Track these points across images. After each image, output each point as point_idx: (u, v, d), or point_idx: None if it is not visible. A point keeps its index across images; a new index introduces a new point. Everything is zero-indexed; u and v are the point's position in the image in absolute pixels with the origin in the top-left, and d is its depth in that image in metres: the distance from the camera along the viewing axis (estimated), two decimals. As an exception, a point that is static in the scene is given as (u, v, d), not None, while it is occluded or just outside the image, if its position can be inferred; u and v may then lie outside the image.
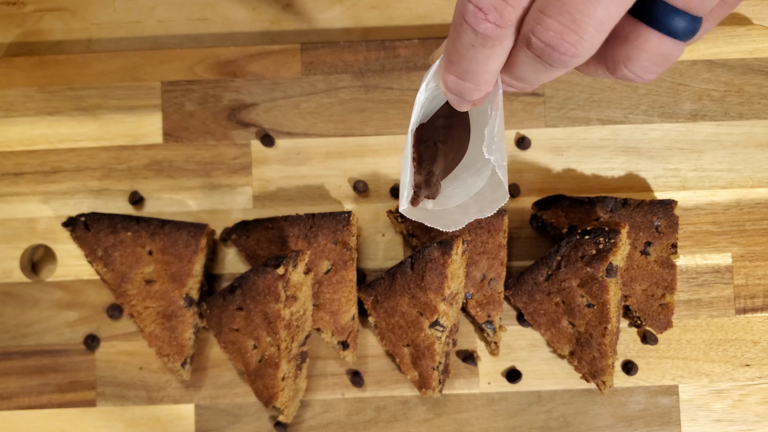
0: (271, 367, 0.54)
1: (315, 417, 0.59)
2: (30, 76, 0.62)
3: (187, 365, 0.58)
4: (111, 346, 0.60)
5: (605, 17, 0.26)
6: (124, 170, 0.61)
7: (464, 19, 0.28)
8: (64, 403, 0.60)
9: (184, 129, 0.61)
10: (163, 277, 0.56)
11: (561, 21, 0.26)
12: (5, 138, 0.61)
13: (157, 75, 0.61)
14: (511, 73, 0.31)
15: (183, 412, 0.60)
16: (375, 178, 0.61)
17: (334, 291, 0.57)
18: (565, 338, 0.57)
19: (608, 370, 0.56)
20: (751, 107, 0.61)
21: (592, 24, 0.26)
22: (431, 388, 0.56)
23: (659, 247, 0.58)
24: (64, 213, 0.61)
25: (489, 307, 0.57)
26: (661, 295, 0.57)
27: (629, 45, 0.28)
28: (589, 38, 0.26)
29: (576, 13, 0.26)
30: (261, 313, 0.53)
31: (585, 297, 0.55)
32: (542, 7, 0.27)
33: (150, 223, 0.57)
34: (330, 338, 0.58)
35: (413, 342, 0.56)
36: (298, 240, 0.57)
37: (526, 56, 0.29)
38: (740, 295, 0.60)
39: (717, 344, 0.60)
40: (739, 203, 0.61)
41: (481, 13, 0.28)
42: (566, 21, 0.26)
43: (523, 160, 0.61)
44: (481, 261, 0.57)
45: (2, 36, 0.64)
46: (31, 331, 0.60)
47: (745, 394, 0.59)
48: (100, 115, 0.61)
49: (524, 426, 0.59)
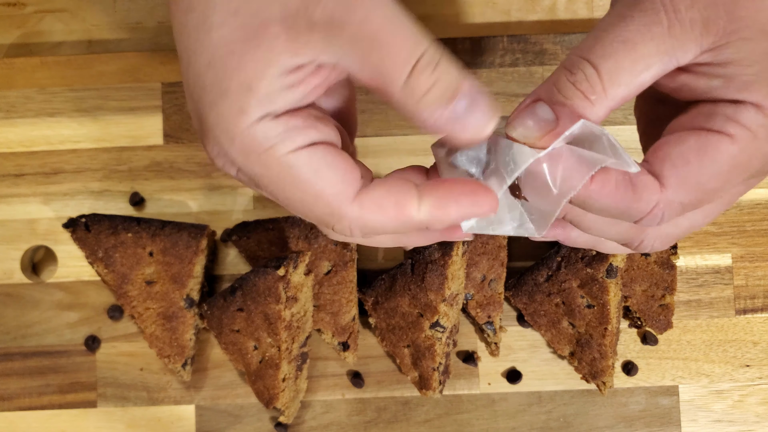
0: (271, 368, 0.54)
1: (315, 417, 0.59)
2: (30, 78, 0.62)
3: (188, 366, 0.58)
4: (112, 347, 0.60)
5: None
6: (125, 171, 0.61)
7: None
8: (64, 404, 0.60)
9: (185, 130, 0.61)
10: (163, 278, 0.57)
11: None
12: (5, 139, 0.61)
13: (158, 76, 0.61)
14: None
15: (184, 413, 0.60)
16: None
17: (335, 292, 0.57)
18: (565, 339, 0.57)
19: (608, 371, 0.56)
20: None
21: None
22: (431, 389, 0.56)
23: (659, 247, 0.58)
24: (64, 214, 0.61)
25: (489, 308, 0.57)
26: (661, 296, 0.57)
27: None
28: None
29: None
30: (262, 314, 0.53)
31: (585, 298, 0.55)
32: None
33: (151, 224, 0.57)
34: (330, 339, 0.58)
35: (413, 343, 0.56)
36: (299, 241, 0.57)
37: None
38: (740, 295, 0.60)
39: (717, 345, 0.60)
40: (739, 204, 0.61)
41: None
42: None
43: (523, 160, 0.61)
44: (481, 262, 0.57)
45: (2, 37, 0.64)
46: (32, 332, 0.60)
47: (745, 394, 0.59)
48: (101, 116, 0.61)
49: (524, 426, 0.59)
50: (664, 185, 0.29)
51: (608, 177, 0.29)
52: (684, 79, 0.29)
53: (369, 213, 0.30)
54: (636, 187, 0.29)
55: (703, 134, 0.29)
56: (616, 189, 0.29)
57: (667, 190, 0.29)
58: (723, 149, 0.28)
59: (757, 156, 0.28)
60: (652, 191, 0.29)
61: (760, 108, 0.28)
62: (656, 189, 0.29)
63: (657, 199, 0.29)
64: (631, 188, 0.29)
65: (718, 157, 0.28)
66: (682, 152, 0.29)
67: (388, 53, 0.28)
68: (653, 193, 0.29)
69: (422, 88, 0.28)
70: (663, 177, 0.29)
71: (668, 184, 0.29)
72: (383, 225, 0.30)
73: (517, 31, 0.63)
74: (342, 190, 0.30)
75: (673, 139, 0.29)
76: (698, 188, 0.29)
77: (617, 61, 0.28)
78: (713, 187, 0.29)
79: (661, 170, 0.29)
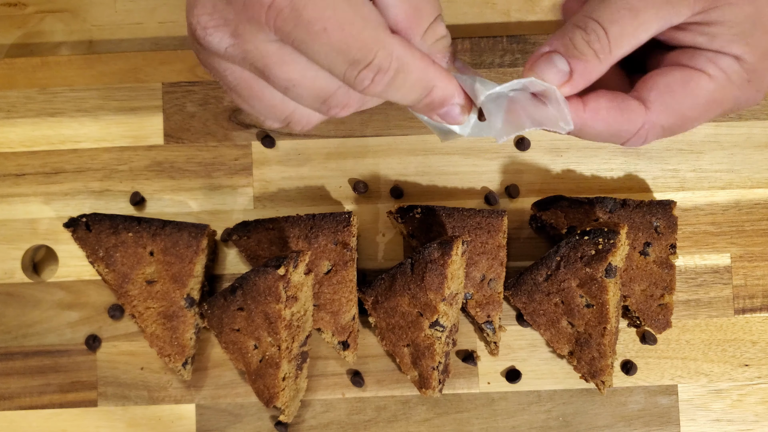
0: (271, 367, 0.54)
1: (315, 417, 0.60)
2: (31, 78, 0.62)
3: (188, 365, 0.58)
4: (112, 347, 0.60)
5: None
6: (126, 171, 0.61)
7: None
8: (65, 403, 0.60)
9: (185, 130, 0.61)
10: (164, 277, 0.57)
11: None
12: (7, 139, 0.62)
13: (158, 76, 0.62)
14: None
15: (184, 412, 0.60)
16: (375, 179, 0.61)
17: (335, 291, 0.57)
18: (564, 338, 0.57)
19: (607, 370, 0.56)
20: (750, 108, 0.61)
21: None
22: (431, 388, 0.56)
23: (658, 247, 0.58)
24: (65, 214, 0.61)
25: (489, 308, 0.57)
26: (660, 296, 0.58)
27: None
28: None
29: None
30: (262, 314, 0.53)
31: (584, 297, 0.55)
32: None
33: (151, 224, 0.57)
34: (330, 338, 0.58)
35: (413, 342, 0.56)
36: (299, 240, 0.57)
37: None
38: (739, 295, 0.60)
39: (716, 344, 0.60)
40: (738, 204, 0.61)
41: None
42: None
43: (522, 160, 0.62)
44: (480, 261, 0.57)
45: (3, 37, 0.64)
46: (33, 332, 0.60)
47: (744, 394, 0.59)
48: (102, 116, 0.62)
49: (524, 426, 0.59)
50: (649, 109, 0.33)
51: (598, 104, 0.33)
52: (672, 33, 0.33)
53: (408, 49, 0.31)
54: (623, 110, 0.33)
55: (687, 70, 0.33)
56: (607, 113, 0.33)
57: (652, 113, 0.33)
58: (703, 85, 0.33)
59: (728, 97, 0.33)
60: (639, 113, 0.33)
61: (738, 59, 0.32)
62: (642, 111, 0.33)
63: (643, 120, 0.33)
64: (619, 111, 0.33)
65: (698, 91, 0.33)
66: (668, 83, 0.33)
67: (425, 3, 0.32)
68: (639, 115, 0.33)
69: (438, 34, 0.33)
70: (649, 102, 0.33)
71: (653, 108, 0.33)
72: (416, 66, 0.32)
73: (517, 32, 0.63)
74: (383, 21, 0.31)
75: (659, 72, 0.34)
76: (679, 115, 0.33)
77: (623, 27, 0.32)
78: (691, 116, 0.33)
79: (648, 96, 0.33)
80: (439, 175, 0.61)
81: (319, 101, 0.33)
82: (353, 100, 0.33)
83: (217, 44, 0.31)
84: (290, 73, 0.31)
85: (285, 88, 0.32)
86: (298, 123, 0.36)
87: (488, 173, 0.62)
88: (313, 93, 0.32)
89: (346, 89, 0.33)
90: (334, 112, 0.34)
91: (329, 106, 0.33)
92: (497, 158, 0.62)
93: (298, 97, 0.33)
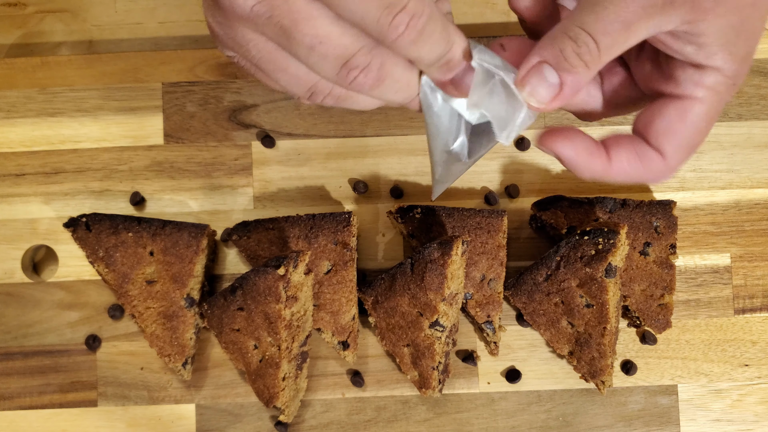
0: (271, 367, 0.55)
1: (315, 417, 0.60)
2: (31, 78, 0.62)
3: (188, 365, 0.58)
4: (112, 347, 0.60)
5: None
6: (126, 171, 0.61)
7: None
8: (65, 403, 0.60)
9: (185, 130, 0.62)
10: (164, 277, 0.57)
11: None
12: (6, 139, 0.62)
13: (158, 76, 0.62)
14: None
15: (184, 412, 0.60)
16: (375, 179, 0.61)
17: (335, 291, 0.57)
18: (564, 338, 0.57)
19: (607, 370, 0.56)
20: (749, 108, 0.61)
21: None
22: (431, 388, 0.56)
23: (658, 247, 0.58)
24: (65, 214, 0.61)
25: (488, 307, 0.57)
26: (660, 296, 0.58)
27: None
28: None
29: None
30: (262, 314, 0.53)
31: (584, 297, 0.55)
32: None
33: (151, 224, 0.57)
34: (330, 338, 0.58)
35: (413, 342, 0.56)
36: (299, 240, 0.57)
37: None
38: (739, 295, 0.60)
39: (716, 344, 0.60)
40: (738, 204, 0.61)
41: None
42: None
43: (522, 160, 0.62)
44: (480, 261, 0.57)
45: (3, 37, 0.64)
46: (33, 332, 0.60)
47: (744, 393, 0.59)
48: (102, 116, 0.62)
49: (524, 425, 0.59)
50: (665, 156, 0.36)
51: (620, 157, 0.36)
52: (661, 37, 0.35)
53: (385, 50, 0.32)
54: (644, 160, 0.36)
55: (678, 103, 0.35)
56: (629, 165, 0.36)
57: (667, 158, 0.36)
58: (696, 111, 0.35)
59: (721, 106, 0.36)
60: (658, 163, 0.36)
61: (719, 71, 0.34)
62: (660, 161, 0.36)
63: (662, 168, 0.36)
64: (639, 163, 0.36)
65: (695, 119, 0.35)
66: (669, 125, 0.36)
67: None
68: (659, 164, 0.36)
69: (444, 10, 0.35)
70: (663, 151, 0.36)
71: (667, 154, 0.36)
72: (396, 69, 0.33)
73: (517, 32, 0.63)
74: None
75: (656, 112, 0.36)
76: (688, 148, 0.36)
77: (614, 39, 0.33)
78: (698, 141, 0.36)
79: (661, 145, 0.36)
80: (439, 175, 0.61)
81: (340, 62, 0.33)
82: (374, 63, 0.33)
83: (242, 4, 0.32)
84: (317, 28, 0.32)
85: (310, 47, 0.32)
86: (322, 92, 0.36)
87: (488, 173, 0.62)
88: (337, 52, 0.32)
89: (368, 50, 0.33)
90: (353, 75, 0.33)
91: (349, 68, 0.33)
92: (497, 158, 0.62)
93: (321, 58, 0.33)
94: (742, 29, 0.34)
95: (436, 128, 0.37)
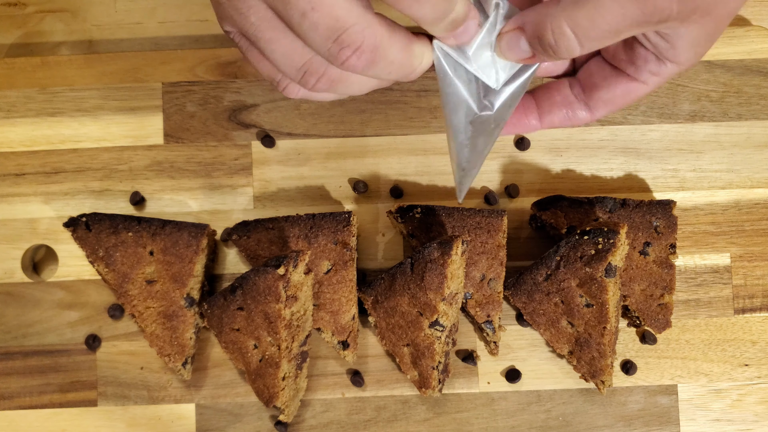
0: (271, 366, 0.55)
1: (315, 416, 0.60)
2: (31, 77, 0.62)
3: (188, 365, 0.58)
4: (112, 346, 0.60)
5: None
6: (125, 171, 0.61)
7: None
8: (65, 403, 0.60)
9: (185, 130, 0.62)
10: (164, 277, 0.57)
11: None
12: (7, 139, 0.62)
13: (158, 76, 0.62)
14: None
15: (184, 412, 0.60)
16: (375, 179, 0.62)
17: (335, 291, 0.57)
18: (564, 338, 0.57)
19: (607, 370, 0.56)
20: (749, 108, 0.61)
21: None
22: (431, 388, 0.56)
23: (658, 247, 0.58)
24: (65, 213, 0.61)
25: (488, 307, 0.57)
26: (660, 295, 0.58)
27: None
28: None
29: None
30: (262, 313, 0.53)
31: (584, 297, 0.55)
32: None
33: (151, 224, 0.57)
34: (330, 338, 0.58)
35: (413, 342, 0.56)
36: (299, 240, 0.57)
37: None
38: (739, 295, 0.60)
39: (716, 344, 0.60)
40: (738, 204, 0.61)
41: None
42: None
43: (522, 160, 0.62)
44: (480, 261, 0.57)
45: (3, 37, 0.64)
46: (33, 331, 0.60)
47: (744, 393, 0.59)
48: (102, 116, 0.62)
49: (524, 425, 0.59)
50: (593, 113, 0.41)
51: (552, 118, 0.41)
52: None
53: (381, 30, 0.33)
54: (573, 120, 0.42)
55: (629, 83, 0.39)
56: (558, 122, 0.42)
57: (594, 115, 0.41)
58: (640, 92, 0.39)
59: (656, 88, 0.40)
60: (584, 117, 0.41)
61: (680, 65, 0.37)
62: (587, 116, 0.41)
63: (586, 120, 0.42)
64: (569, 123, 0.42)
65: (634, 97, 0.40)
66: (613, 98, 0.40)
67: None
68: (584, 118, 0.42)
69: None
70: (594, 110, 0.41)
71: (596, 113, 0.41)
72: (391, 51, 0.33)
73: None
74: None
75: (607, 86, 0.40)
76: (613, 111, 0.41)
77: (600, 42, 0.35)
78: (625, 106, 0.43)
79: (595, 106, 0.41)
80: (439, 174, 0.62)
81: (331, 35, 0.32)
82: (367, 43, 0.33)
83: None
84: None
85: (302, 12, 0.32)
86: (315, 73, 0.36)
87: (488, 173, 0.62)
88: (329, 22, 0.32)
89: (362, 27, 0.33)
90: (345, 55, 0.33)
91: (341, 45, 0.33)
92: (497, 158, 0.62)
93: (313, 27, 0.33)
94: (712, 34, 0.36)
95: (456, 97, 0.36)
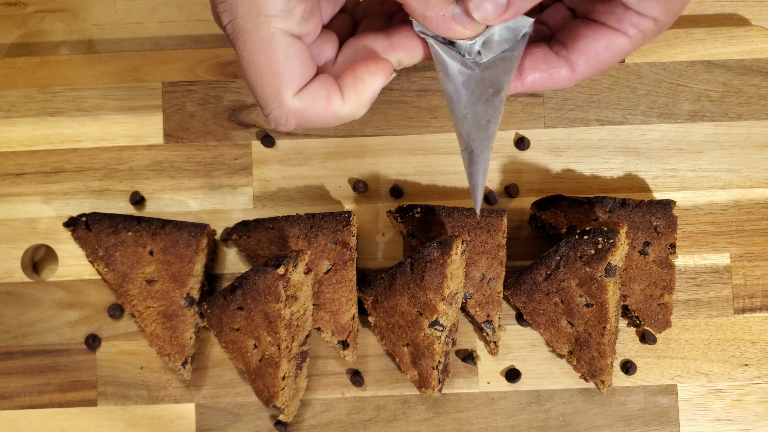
0: (271, 366, 0.55)
1: (315, 416, 0.60)
2: (31, 77, 0.62)
3: (188, 365, 0.58)
4: (112, 346, 0.60)
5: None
6: (125, 170, 0.61)
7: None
8: (65, 403, 0.60)
9: (185, 129, 0.62)
10: (164, 276, 0.57)
11: None
12: (6, 138, 0.62)
13: (158, 76, 0.62)
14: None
15: (184, 412, 0.60)
16: (375, 179, 0.62)
17: (334, 291, 0.57)
18: (564, 338, 0.57)
19: (607, 370, 0.56)
20: (749, 108, 0.61)
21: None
22: (431, 388, 0.56)
23: (658, 247, 0.58)
24: (65, 213, 0.61)
25: (488, 307, 0.57)
26: (660, 295, 0.58)
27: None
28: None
29: None
30: (261, 313, 0.53)
31: (584, 297, 0.55)
32: None
33: (151, 223, 0.57)
34: (330, 338, 0.58)
35: (413, 341, 0.56)
36: (299, 240, 0.57)
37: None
38: (739, 295, 0.60)
39: (716, 344, 0.60)
40: (738, 203, 0.61)
41: None
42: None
43: (522, 160, 0.62)
44: (480, 261, 0.57)
45: (3, 37, 0.64)
46: (33, 331, 0.60)
47: (744, 393, 0.59)
48: (101, 115, 0.62)
49: (523, 425, 0.59)
50: (575, 71, 0.40)
51: (534, 78, 0.41)
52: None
53: (305, 105, 0.36)
54: (554, 80, 0.41)
55: (611, 34, 0.39)
56: (540, 83, 0.41)
57: (576, 74, 0.40)
58: (622, 45, 0.39)
59: (639, 45, 0.40)
60: (566, 76, 0.40)
61: (655, 21, 0.38)
62: (569, 75, 0.40)
63: (569, 80, 0.41)
64: (550, 82, 0.41)
65: (617, 50, 0.40)
66: (596, 49, 0.39)
67: None
68: (567, 78, 0.41)
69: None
70: (576, 67, 0.40)
71: (578, 71, 0.40)
72: (317, 118, 0.36)
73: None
74: (293, 81, 0.35)
75: (588, 37, 0.40)
76: (597, 71, 0.41)
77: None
78: (607, 68, 0.41)
79: (577, 61, 0.40)
80: (438, 174, 0.62)
81: (263, 110, 0.36)
82: (287, 117, 0.37)
83: (223, 18, 0.35)
84: None
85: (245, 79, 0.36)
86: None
87: (488, 173, 0.62)
88: (259, 101, 0.36)
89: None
90: (273, 123, 0.37)
91: (270, 120, 0.37)
92: (497, 158, 0.62)
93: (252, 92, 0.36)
94: None
95: (448, 58, 0.39)
